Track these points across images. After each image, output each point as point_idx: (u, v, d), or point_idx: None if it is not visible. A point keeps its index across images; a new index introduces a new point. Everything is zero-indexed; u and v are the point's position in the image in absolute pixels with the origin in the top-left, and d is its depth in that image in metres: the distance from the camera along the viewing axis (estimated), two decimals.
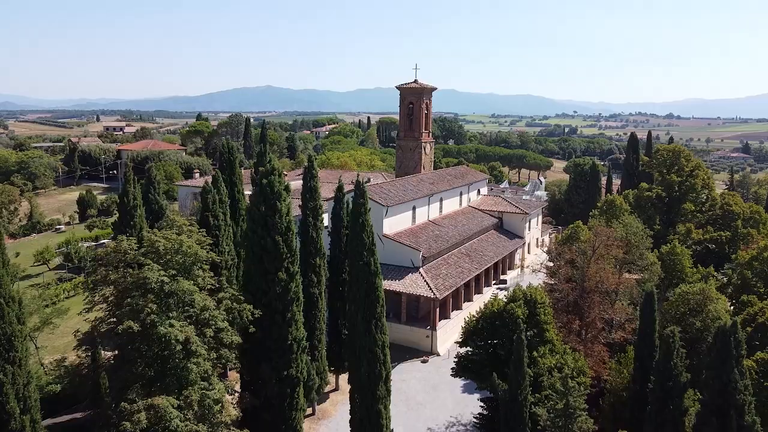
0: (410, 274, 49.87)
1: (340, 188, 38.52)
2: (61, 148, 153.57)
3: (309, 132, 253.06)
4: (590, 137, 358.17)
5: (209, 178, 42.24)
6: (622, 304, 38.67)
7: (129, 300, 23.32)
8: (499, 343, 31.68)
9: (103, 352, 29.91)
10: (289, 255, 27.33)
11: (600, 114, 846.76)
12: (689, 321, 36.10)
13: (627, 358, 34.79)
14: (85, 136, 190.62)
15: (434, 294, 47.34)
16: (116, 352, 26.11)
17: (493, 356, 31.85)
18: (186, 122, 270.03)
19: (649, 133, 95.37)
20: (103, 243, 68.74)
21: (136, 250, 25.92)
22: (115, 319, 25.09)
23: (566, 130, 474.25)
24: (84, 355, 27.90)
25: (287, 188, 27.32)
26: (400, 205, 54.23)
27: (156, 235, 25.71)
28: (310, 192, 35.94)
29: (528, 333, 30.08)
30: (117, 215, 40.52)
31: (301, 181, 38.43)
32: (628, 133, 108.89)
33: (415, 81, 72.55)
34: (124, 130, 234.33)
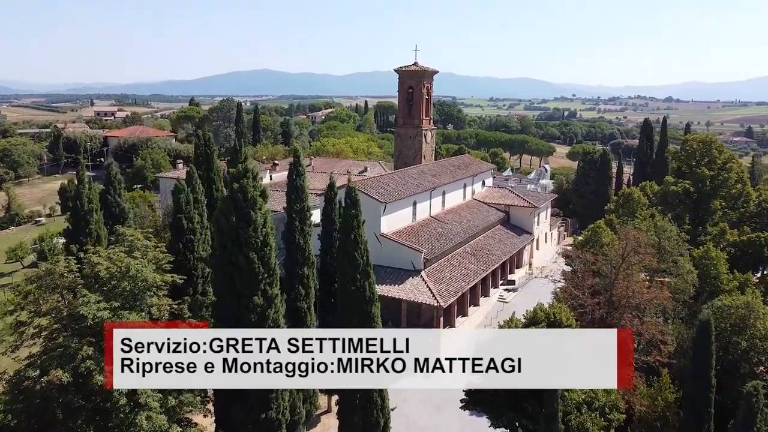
0: (411, 278, 45.08)
1: (331, 186, 33.47)
2: (48, 134, 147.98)
3: (305, 116, 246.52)
4: (590, 121, 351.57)
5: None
6: (653, 317, 33.89)
7: (60, 341, 18.52)
8: None
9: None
10: (266, 275, 22.38)
11: (599, 97, 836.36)
12: (732, 339, 31.42)
13: (661, 383, 30.25)
14: (73, 122, 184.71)
15: (437, 301, 42.60)
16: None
17: (511, 389, 27.11)
18: (181, 106, 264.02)
19: (664, 119, 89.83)
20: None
21: (76, 272, 21.02)
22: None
23: (566, 113, 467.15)
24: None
25: (263, 194, 22.38)
26: (400, 201, 49.25)
27: (100, 256, 20.79)
28: (296, 192, 30.89)
29: None
30: (70, 221, 35.08)
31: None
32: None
33: (415, 63, 67.08)
34: (116, 116, 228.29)
